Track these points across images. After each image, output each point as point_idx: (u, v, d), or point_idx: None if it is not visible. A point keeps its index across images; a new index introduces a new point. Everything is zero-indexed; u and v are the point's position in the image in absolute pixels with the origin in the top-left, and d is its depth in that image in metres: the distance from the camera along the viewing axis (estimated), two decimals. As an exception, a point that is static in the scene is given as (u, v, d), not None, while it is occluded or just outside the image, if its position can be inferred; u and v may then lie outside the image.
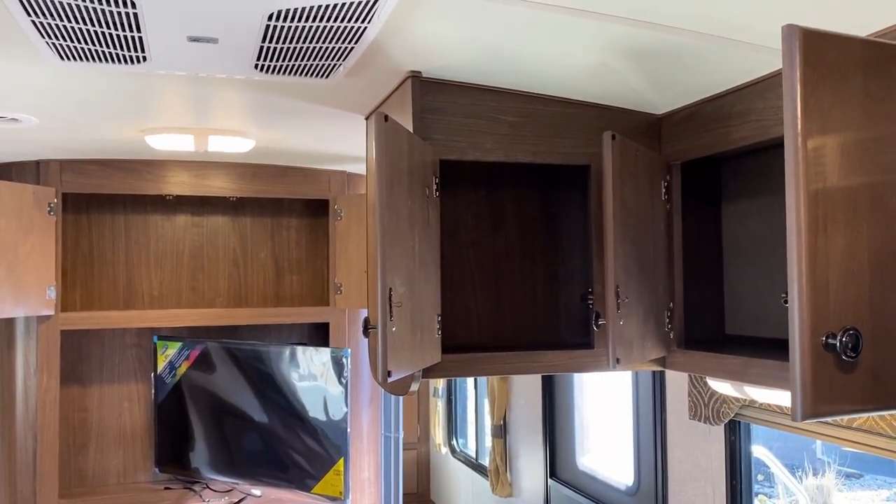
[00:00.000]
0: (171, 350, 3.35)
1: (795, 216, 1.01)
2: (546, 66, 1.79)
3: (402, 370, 1.57)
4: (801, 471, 5.87)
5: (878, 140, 1.07)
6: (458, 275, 2.15)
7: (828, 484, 6.03)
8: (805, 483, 5.90)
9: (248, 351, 3.25)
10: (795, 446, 5.54)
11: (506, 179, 2.20)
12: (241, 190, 3.37)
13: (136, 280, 3.47)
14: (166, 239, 3.53)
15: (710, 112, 1.91)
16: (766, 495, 5.47)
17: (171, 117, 2.43)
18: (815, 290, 1.01)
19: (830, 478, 5.98)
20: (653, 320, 1.92)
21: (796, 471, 5.76)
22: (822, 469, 5.98)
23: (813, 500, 5.88)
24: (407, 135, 1.66)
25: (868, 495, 5.93)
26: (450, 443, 5.59)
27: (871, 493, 5.92)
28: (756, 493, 4.94)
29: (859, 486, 6.07)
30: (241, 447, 3.27)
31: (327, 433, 3.04)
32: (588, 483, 3.57)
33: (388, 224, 1.50)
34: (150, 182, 3.25)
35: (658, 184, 1.99)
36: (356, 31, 1.52)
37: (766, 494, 5.47)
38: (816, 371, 1.00)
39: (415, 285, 1.66)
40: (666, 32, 1.52)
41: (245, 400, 3.24)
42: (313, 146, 2.97)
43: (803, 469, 5.91)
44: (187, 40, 1.55)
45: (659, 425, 2.87)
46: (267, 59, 1.68)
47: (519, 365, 2.02)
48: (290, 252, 3.67)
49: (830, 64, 1.03)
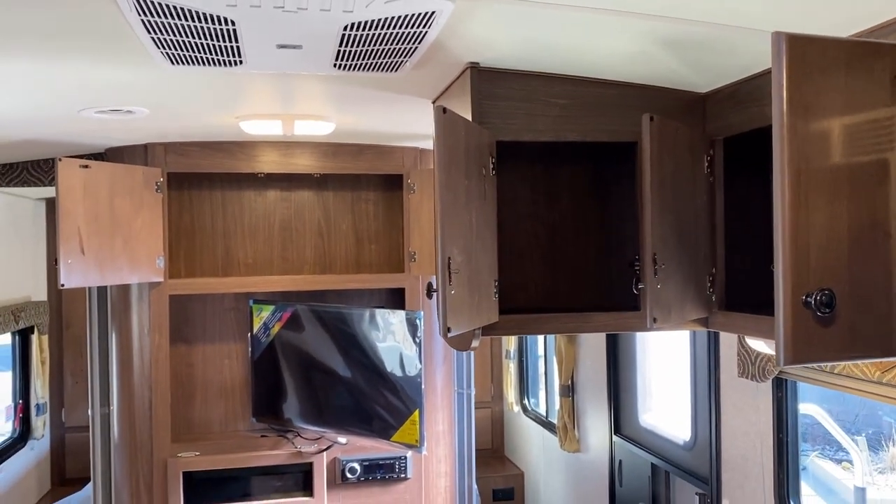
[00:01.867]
0: (265, 312, 3.71)
1: (780, 195, 1.20)
2: (590, 55, 1.98)
3: (461, 327, 1.82)
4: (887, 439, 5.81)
5: (858, 126, 1.24)
6: (517, 244, 2.38)
7: (917, 454, 5.94)
8: (891, 451, 5.84)
9: (332, 313, 3.57)
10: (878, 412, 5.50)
11: (560, 156, 2.40)
12: (323, 167, 3.68)
13: (232, 250, 3.84)
14: (258, 212, 3.88)
15: (749, 91, 2.05)
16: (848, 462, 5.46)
17: (261, 106, 2.73)
18: (797, 258, 1.19)
19: (921, 447, 5.88)
20: (693, 284, 2.10)
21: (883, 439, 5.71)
22: (913, 436, 5.88)
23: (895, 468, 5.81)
24: (464, 123, 1.89)
25: (957, 465, 5.82)
26: (521, 402, 5.85)
27: (960, 463, 5.81)
28: (840, 460, 4.98)
29: (950, 455, 5.96)
30: (327, 400, 3.62)
31: (404, 387, 3.35)
32: (649, 438, 3.76)
33: (446, 202, 1.74)
34: (244, 161, 3.59)
35: (700, 159, 2.15)
36: (418, 35, 1.76)
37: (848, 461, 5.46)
38: (796, 325, 1.19)
39: (472, 254, 1.90)
40: (697, 26, 1.69)
41: (331, 357, 3.57)
42: (387, 127, 3.23)
43: (889, 437, 5.85)
44: (276, 47, 1.82)
45: (713, 383, 3.03)
46: (343, 60, 1.93)
47: (570, 325, 2.24)
48: (369, 223, 3.97)
49: (814, 63, 1.20)
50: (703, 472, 3.17)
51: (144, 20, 1.62)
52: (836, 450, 4.92)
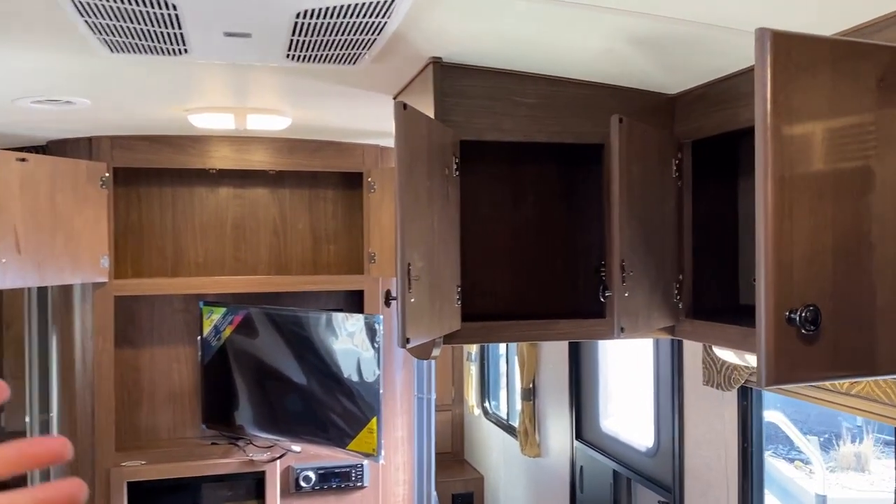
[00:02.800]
0: (215, 315, 3.56)
1: (763, 202, 1.12)
2: (560, 52, 1.89)
3: (421, 337, 1.71)
4: (838, 438, 5.90)
5: (844, 131, 1.17)
6: (480, 248, 2.28)
7: (866, 451, 6.06)
8: (841, 450, 5.94)
9: (287, 316, 3.44)
10: (830, 414, 5.58)
11: (526, 157, 2.31)
12: (279, 164, 3.54)
13: (182, 249, 3.67)
14: (210, 210, 3.72)
15: (720, 93, 1.98)
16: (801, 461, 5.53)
17: (212, 98, 2.59)
18: (780, 271, 1.11)
19: (868, 445, 6.01)
20: (660, 292, 2.03)
21: (833, 438, 5.79)
22: (860, 437, 6.00)
23: (849, 466, 5.92)
24: (426, 120, 1.79)
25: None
26: (482, 405, 5.78)
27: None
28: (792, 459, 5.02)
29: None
30: (281, 406, 3.48)
31: (362, 394, 3.23)
32: (611, 445, 3.71)
33: (407, 204, 1.64)
34: (195, 157, 3.43)
35: (669, 162, 2.08)
36: (377, 25, 1.65)
37: (801, 460, 5.53)
38: (779, 343, 1.11)
39: (434, 259, 1.80)
40: (670, 23, 1.61)
41: (285, 362, 3.44)
42: (346, 123, 3.11)
43: (840, 436, 5.94)
44: (223, 35, 1.69)
45: (677, 390, 2.98)
46: (297, 50, 1.81)
47: (535, 332, 2.16)
48: (327, 223, 3.84)
49: (799, 63, 1.13)
50: (665, 480, 3.12)
51: (77, 2, 1.48)
52: (788, 449, 4.98)
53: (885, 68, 1.17)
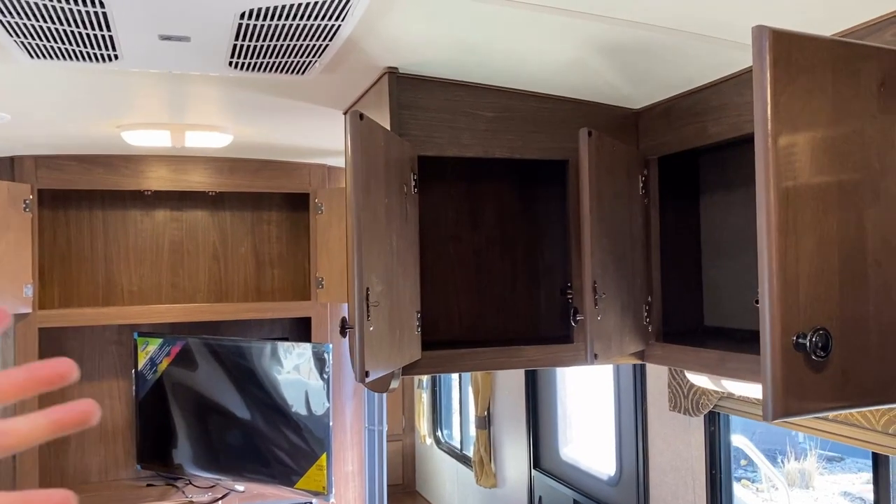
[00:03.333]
0: (151, 346, 3.32)
1: (766, 215, 1.02)
2: (522, 62, 1.79)
3: (381, 369, 1.56)
4: (783, 456, 5.95)
5: (846, 138, 1.08)
6: (439, 270, 2.15)
7: (809, 468, 6.13)
8: (787, 467, 5.99)
9: (229, 346, 3.23)
10: (778, 432, 5.61)
11: (485, 174, 2.20)
12: (219, 184, 3.35)
13: (115, 276, 3.44)
14: (145, 234, 3.49)
15: (687, 107, 1.91)
16: (749, 480, 5.54)
17: (146, 113, 2.40)
18: (786, 290, 1.01)
19: (812, 462, 6.08)
20: (631, 314, 1.93)
21: (778, 456, 5.84)
22: (804, 453, 6.07)
23: (795, 483, 5.97)
24: (383, 132, 1.66)
25: (848, 478, 6.01)
26: (434, 434, 5.61)
27: (851, 475, 6.01)
28: (739, 477, 5.02)
29: (840, 469, 6.17)
30: (224, 443, 3.26)
31: (310, 428, 3.04)
32: (571, 473, 3.59)
33: (364, 222, 1.50)
34: (128, 177, 3.22)
35: (635, 178, 1.99)
36: (330, 28, 1.51)
37: (748, 479, 5.54)
38: (787, 371, 1.00)
39: (393, 283, 1.65)
40: (640, 29, 1.52)
41: (227, 396, 3.22)
42: (292, 140, 2.95)
43: (785, 454, 5.99)
44: (159, 39, 1.53)
45: (640, 416, 2.89)
46: (241, 57, 1.66)
47: (499, 360, 2.02)
48: (271, 246, 3.65)
49: (800, 64, 1.04)
50: (629, 509, 3.02)
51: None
52: (734, 467, 4.99)
53: (885, 72, 1.09)
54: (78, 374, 0.53)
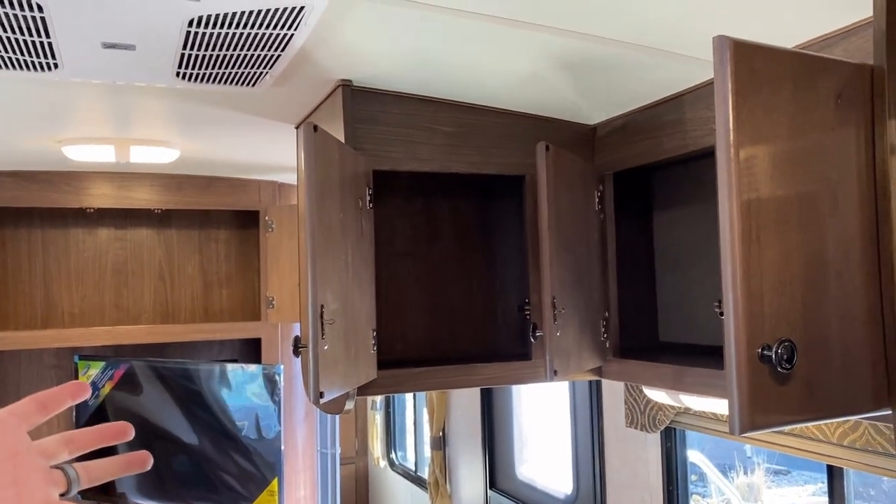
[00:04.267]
0: (93, 370, 3.19)
1: (729, 227, 1.01)
2: (478, 76, 1.77)
3: (336, 390, 1.51)
4: (732, 470, 6.04)
5: (806, 151, 1.08)
6: (394, 287, 2.11)
7: (757, 482, 6.23)
8: (736, 482, 6.08)
9: (175, 369, 3.12)
10: (727, 446, 5.69)
11: (442, 190, 2.17)
12: (166, 202, 3.25)
13: (55, 297, 3.29)
14: (87, 254, 3.37)
15: (642, 122, 1.92)
16: (699, 495, 5.61)
17: (89, 127, 2.31)
18: (750, 301, 1.00)
19: (760, 475, 6.18)
20: (589, 330, 1.91)
21: (728, 470, 5.93)
22: (752, 467, 6.17)
23: (744, 497, 6.05)
24: (338, 145, 1.61)
25: (795, 491, 6.13)
26: (388, 456, 5.51)
27: (797, 488, 6.13)
28: (690, 493, 5.07)
29: (787, 482, 6.28)
30: (170, 470, 3.13)
31: (260, 452, 2.94)
32: (527, 493, 3.56)
33: (318, 238, 1.45)
34: (69, 195, 3.10)
35: (591, 194, 1.99)
36: (282, 38, 1.47)
37: (699, 494, 5.61)
38: (753, 383, 0.99)
39: (348, 300, 1.61)
40: (597, 43, 1.52)
41: (174, 420, 3.10)
42: (242, 156, 2.88)
43: (734, 468, 6.08)
44: (102, 47, 1.46)
45: (596, 433, 2.88)
46: (189, 67, 1.60)
47: (457, 379, 1.98)
48: (220, 266, 3.55)
49: (761, 75, 1.03)
50: (586, 528, 2.99)
51: (-84, -1, 1.23)
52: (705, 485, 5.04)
53: (843, 84, 1.10)
54: (133, 433, 0.71)
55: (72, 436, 0.70)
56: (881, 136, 1.12)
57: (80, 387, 0.72)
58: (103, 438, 0.70)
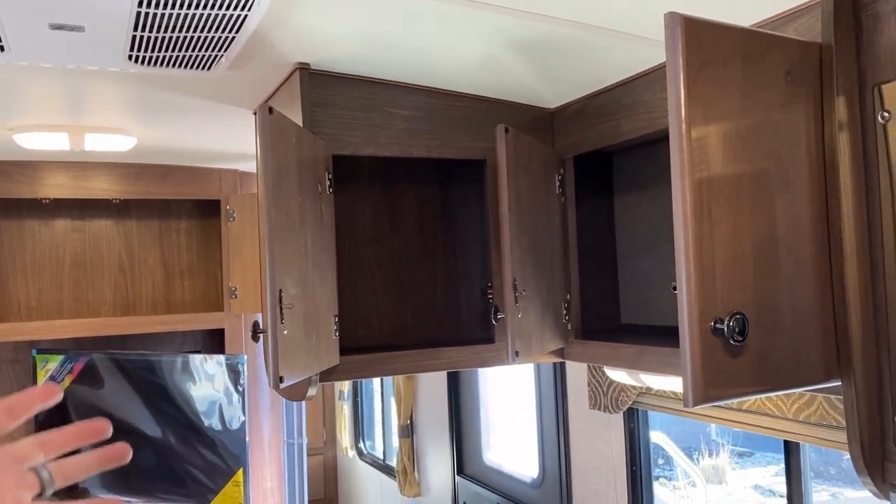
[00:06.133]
0: (52, 364, 3.13)
1: (682, 203, 1.02)
2: (435, 58, 1.76)
3: (296, 375, 1.50)
4: (697, 452, 6.14)
5: (757, 127, 1.10)
6: (357, 274, 2.10)
7: (722, 463, 6.34)
8: (701, 464, 6.18)
9: (137, 361, 3.07)
10: (692, 429, 5.78)
11: (403, 175, 2.16)
12: (124, 191, 3.19)
13: (10, 290, 3.22)
14: (44, 245, 3.29)
15: (600, 105, 1.93)
16: (666, 478, 5.69)
17: (41, 114, 2.26)
18: (703, 276, 1.01)
19: (724, 457, 6.29)
20: (551, 312, 1.93)
21: (693, 452, 6.03)
22: (717, 450, 6.28)
23: (709, 479, 6.16)
24: (295, 128, 1.60)
25: (759, 472, 6.25)
26: (357, 445, 5.51)
27: (761, 469, 6.26)
28: (657, 476, 5.16)
29: (750, 463, 6.40)
30: (135, 463, 3.07)
31: (225, 443, 2.92)
32: (494, 478, 3.58)
33: (276, 222, 1.43)
34: (23, 185, 3.02)
35: (552, 177, 2.00)
36: (236, 19, 1.45)
37: (666, 477, 5.69)
38: (706, 356, 1.00)
39: (308, 286, 1.59)
40: (549, 23, 1.51)
41: (136, 413, 3.06)
42: (201, 144, 2.83)
43: (699, 450, 6.18)
44: (49, 28, 1.42)
45: (561, 416, 2.90)
46: (141, 50, 1.57)
47: (421, 363, 1.98)
48: (181, 256, 3.50)
49: (711, 52, 1.04)
50: (553, 511, 3.02)
51: None
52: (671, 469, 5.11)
53: (791, 62, 1.12)
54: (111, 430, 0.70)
55: (47, 437, 0.69)
56: (829, 112, 1.13)
57: (50, 390, 0.70)
58: (80, 438, 0.70)
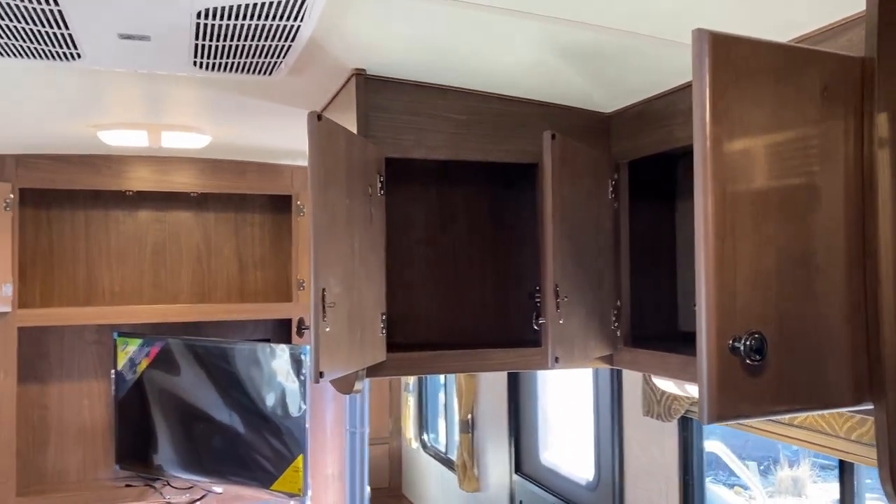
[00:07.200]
0: (131, 347, 3.32)
1: (703, 221, 1.01)
2: (486, 64, 1.79)
3: (337, 371, 1.56)
4: (776, 464, 5.93)
5: (789, 143, 1.08)
6: (409, 273, 2.15)
7: (802, 475, 6.10)
8: (779, 475, 5.97)
9: (208, 347, 3.23)
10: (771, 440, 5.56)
11: (457, 177, 2.20)
12: (202, 185, 3.35)
13: (96, 276, 3.43)
14: (128, 234, 3.49)
15: (656, 111, 1.91)
16: (741, 487, 5.52)
17: (121, 113, 2.40)
18: (722, 294, 1.01)
19: (805, 469, 6.05)
20: (597, 318, 1.92)
21: (772, 464, 5.83)
22: (797, 461, 6.04)
23: (787, 491, 5.94)
24: (345, 134, 1.65)
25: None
26: (420, 437, 5.59)
27: (844, 484, 5.97)
28: (731, 484, 5.03)
29: (833, 477, 6.14)
30: (202, 444, 3.25)
31: (287, 430, 3.03)
32: (551, 478, 3.58)
33: (321, 224, 1.50)
34: (110, 178, 3.22)
35: (604, 182, 1.99)
36: (290, 28, 1.51)
37: (741, 486, 5.53)
38: (722, 374, 1.00)
39: (353, 284, 1.65)
40: (594, 31, 1.52)
41: (206, 396, 3.22)
42: (271, 142, 2.95)
43: (779, 462, 5.97)
44: (119, 37, 1.53)
45: (617, 421, 2.88)
46: (204, 57, 1.66)
47: (467, 363, 2.02)
48: (254, 248, 3.65)
49: (741, 67, 1.03)
50: (606, 515, 3.01)
51: (-57, -6, 1.31)
52: (728, 475, 4.97)
53: (829, 77, 1.09)
54: None
55: None
56: (869, 129, 1.10)
57: None
58: None
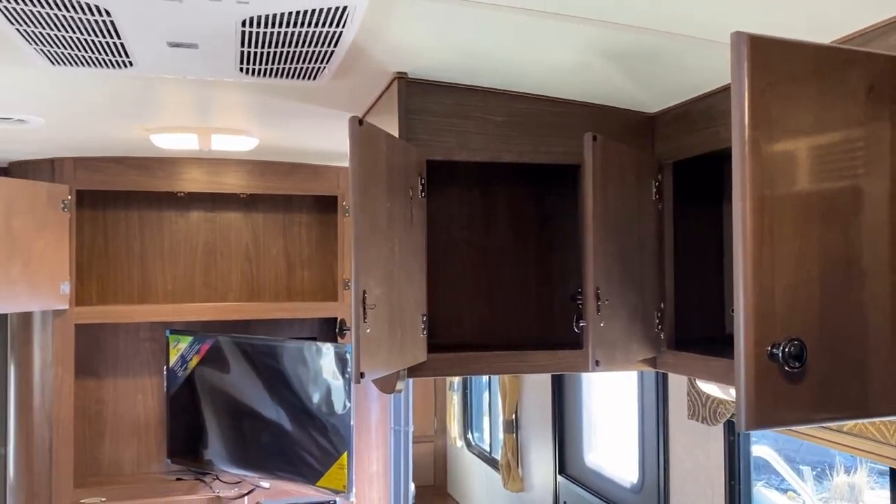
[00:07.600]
0: (182, 344, 3.41)
1: (741, 224, 1.01)
2: (527, 66, 1.79)
3: (378, 371, 1.58)
4: (832, 469, 5.77)
5: (832, 145, 1.06)
6: (451, 274, 2.16)
7: (859, 482, 5.92)
8: (835, 481, 5.81)
9: (257, 345, 3.30)
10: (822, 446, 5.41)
11: (499, 179, 2.20)
12: (251, 187, 3.42)
13: (150, 275, 3.54)
14: (180, 235, 3.59)
15: (700, 111, 1.88)
16: (794, 492, 5.40)
17: (172, 117, 2.47)
18: (761, 300, 1.00)
19: (862, 475, 5.87)
20: (640, 321, 1.91)
21: (828, 469, 5.67)
22: (854, 467, 5.87)
23: (843, 497, 5.78)
24: (386, 137, 1.68)
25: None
26: (465, 436, 5.61)
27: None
28: (784, 490, 4.92)
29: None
30: (251, 440, 3.32)
31: (332, 427, 3.08)
32: (595, 480, 3.56)
33: (362, 227, 1.52)
34: (163, 179, 3.31)
35: (648, 184, 1.97)
36: (332, 34, 1.54)
37: (794, 492, 5.40)
38: (760, 381, 0.99)
39: (394, 286, 1.67)
40: (637, 33, 1.51)
41: (254, 393, 3.29)
42: (317, 144, 2.99)
43: (834, 467, 5.81)
44: (168, 46, 1.58)
45: (662, 424, 2.85)
46: (250, 63, 1.70)
47: (507, 364, 2.02)
48: (301, 248, 3.72)
49: (781, 70, 1.02)
50: (651, 518, 2.98)
51: (4, 9, 1.37)
52: (781, 480, 4.86)
53: (875, 77, 1.07)
54: None
55: None
56: (917, 130, 1.08)
57: None
58: None
